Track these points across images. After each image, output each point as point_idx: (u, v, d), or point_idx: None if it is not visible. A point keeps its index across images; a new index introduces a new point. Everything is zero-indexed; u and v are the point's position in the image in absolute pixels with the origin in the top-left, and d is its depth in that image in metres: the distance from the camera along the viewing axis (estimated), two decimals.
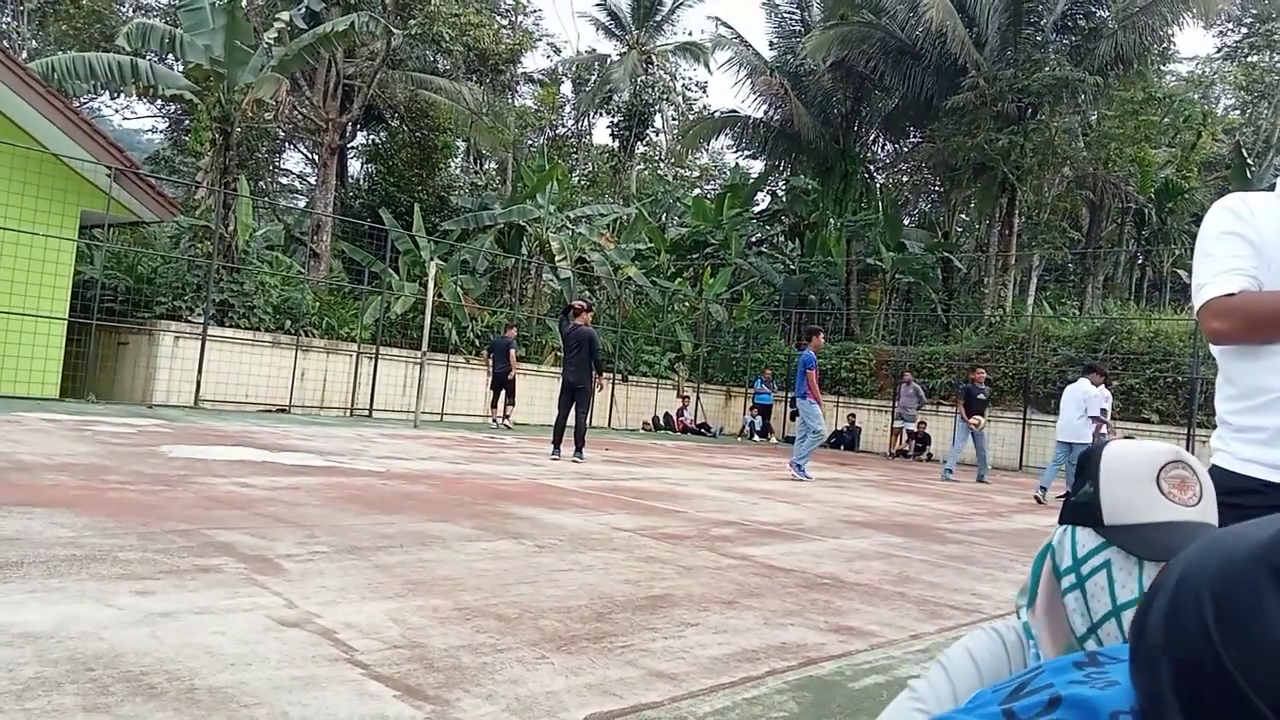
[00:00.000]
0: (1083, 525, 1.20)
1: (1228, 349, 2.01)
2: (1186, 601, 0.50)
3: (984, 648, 1.27)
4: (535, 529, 5.51)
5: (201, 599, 3.24)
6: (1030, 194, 24.85)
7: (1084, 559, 1.18)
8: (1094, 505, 1.18)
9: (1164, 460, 1.16)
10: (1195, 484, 1.15)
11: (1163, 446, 1.19)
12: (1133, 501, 1.15)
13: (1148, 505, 1.14)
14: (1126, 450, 1.20)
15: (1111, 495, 1.17)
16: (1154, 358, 18.15)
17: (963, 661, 1.26)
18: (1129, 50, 22.05)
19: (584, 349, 11.02)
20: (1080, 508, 1.20)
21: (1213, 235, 2.02)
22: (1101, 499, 1.17)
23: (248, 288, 15.15)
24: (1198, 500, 1.14)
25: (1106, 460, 1.20)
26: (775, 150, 28.48)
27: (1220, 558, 0.51)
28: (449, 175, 27.21)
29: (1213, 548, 0.52)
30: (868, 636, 3.66)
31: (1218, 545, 0.52)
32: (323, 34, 15.35)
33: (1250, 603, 0.48)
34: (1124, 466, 1.18)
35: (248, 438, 9.79)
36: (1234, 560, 0.50)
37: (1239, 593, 0.49)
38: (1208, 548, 0.53)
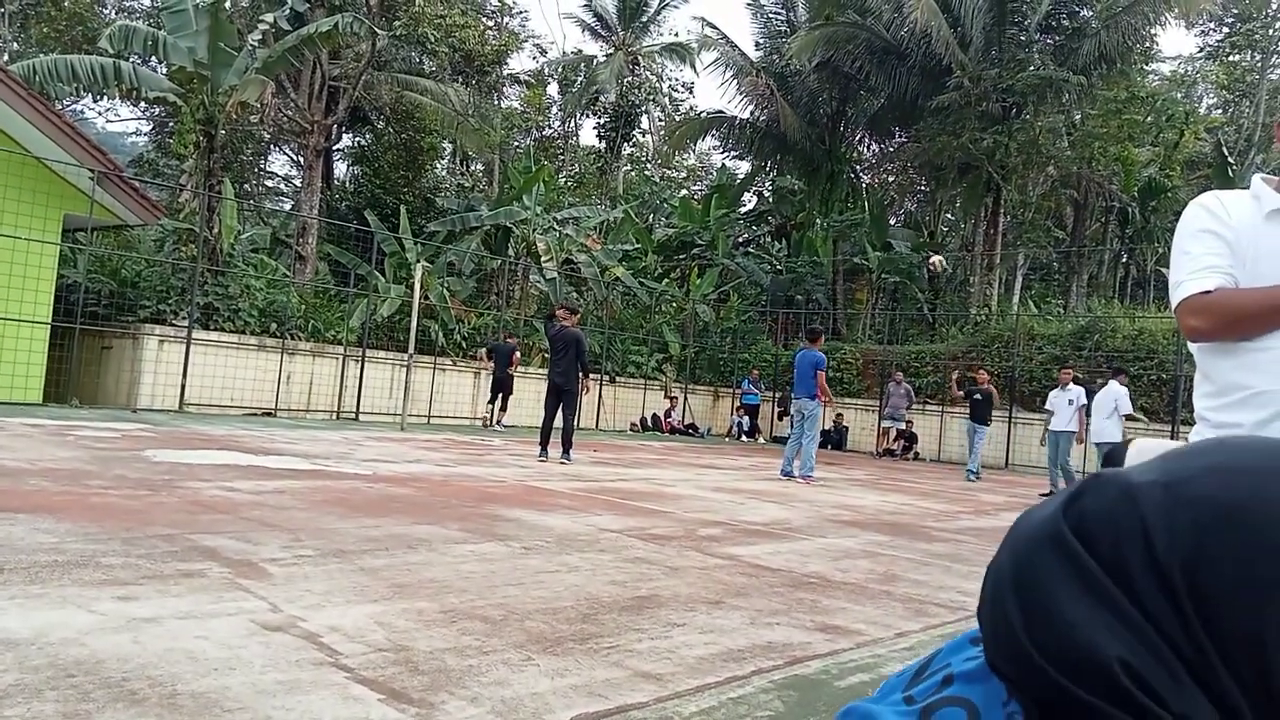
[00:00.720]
0: None
1: (1205, 346, 2.02)
2: (994, 597, 0.52)
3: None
4: (522, 531, 5.50)
5: (185, 604, 3.22)
6: (1015, 193, 24.95)
7: None
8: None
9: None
10: None
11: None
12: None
13: None
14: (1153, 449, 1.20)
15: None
16: (1138, 356, 18.26)
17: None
18: (1112, 50, 22.20)
19: (571, 351, 11.00)
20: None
21: (1189, 233, 2.04)
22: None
23: (233, 291, 15.08)
24: None
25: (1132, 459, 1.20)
26: (762, 151, 28.52)
27: (1011, 545, 0.52)
28: (435, 177, 27.13)
29: (1008, 537, 0.54)
30: (854, 635, 3.67)
31: (1012, 534, 0.54)
32: (307, 35, 15.30)
33: (1037, 582, 0.49)
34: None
35: (233, 442, 9.74)
36: (1021, 543, 0.52)
37: (1028, 575, 0.50)
38: (1006, 539, 0.54)
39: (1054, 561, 0.49)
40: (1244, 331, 1.92)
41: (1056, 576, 0.49)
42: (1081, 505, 0.51)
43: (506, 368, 16.78)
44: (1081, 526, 0.50)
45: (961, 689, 0.53)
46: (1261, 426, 1.89)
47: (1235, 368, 1.95)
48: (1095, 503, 0.50)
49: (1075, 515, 0.50)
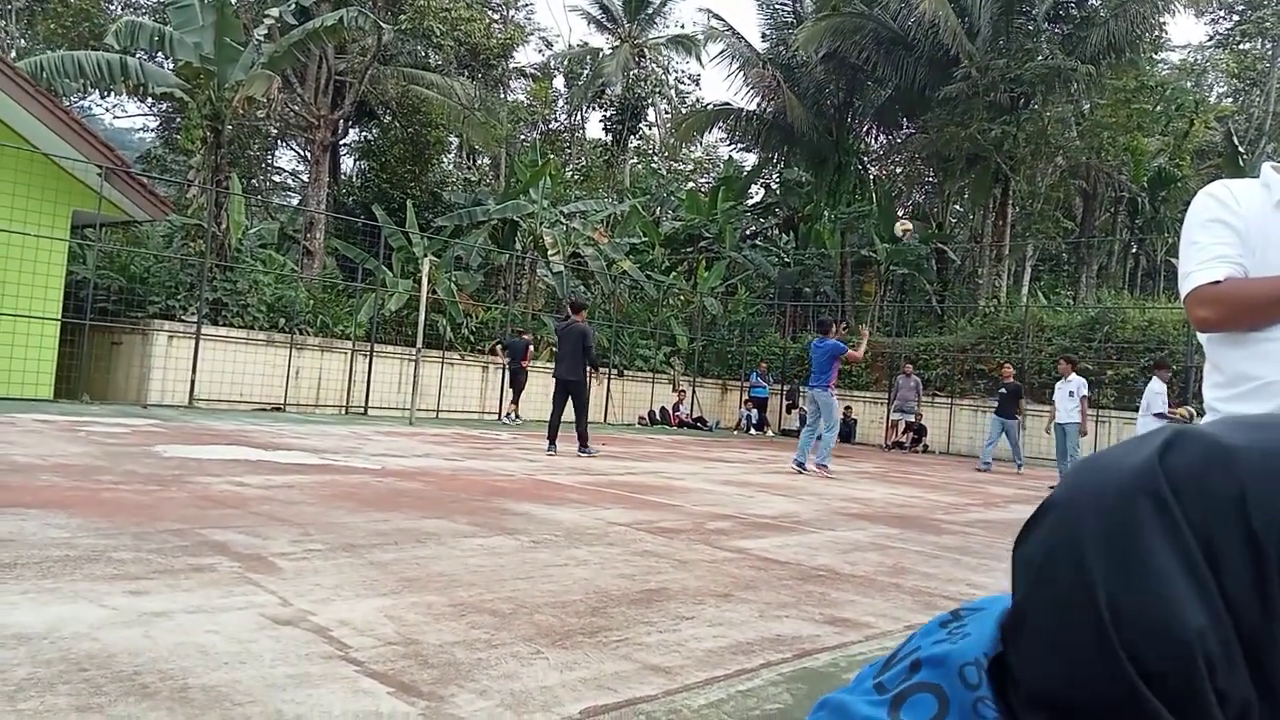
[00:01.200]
0: None
1: (1215, 336, 2.01)
2: (1063, 539, 0.48)
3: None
4: (531, 524, 5.51)
5: (195, 598, 3.23)
6: (1024, 184, 24.86)
7: None
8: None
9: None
10: None
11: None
12: None
13: None
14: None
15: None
16: (1148, 346, 18.18)
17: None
18: (1121, 38, 22.05)
19: (574, 345, 11.05)
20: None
21: (1198, 223, 2.03)
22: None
23: (241, 286, 15.12)
24: None
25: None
26: (769, 143, 28.44)
27: (1094, 489, 0.49)
28: (442, 171, 27.15)
29: (1085, 478, 0.50)
30: (862, 628, 3.67)
31: (1089, 475, 0.50)
32: (312, 30, 15.30)
33: (1129, 536, 0.46)
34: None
35: (242, 437, 9.78)
36: (1110, 489, 0.48)
37: (1117, 527, 0.46)
38: (1080, 479, 0.50)
39: (1150, 514, 0.46)
40: (1253, 321, 1.91)
41: (1151, 531, 0.45)
42: (1174, 460, 0.47)
43: (520, 362, 17.19)
44: (1180, 484, 0.46)
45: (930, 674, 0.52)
46: None
47: (1245, 358, 1.94)
48: (1187, 462, 0.47)
49: (1176, 472, 0.46)
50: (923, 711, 0.50)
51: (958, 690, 0.50)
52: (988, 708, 0.49)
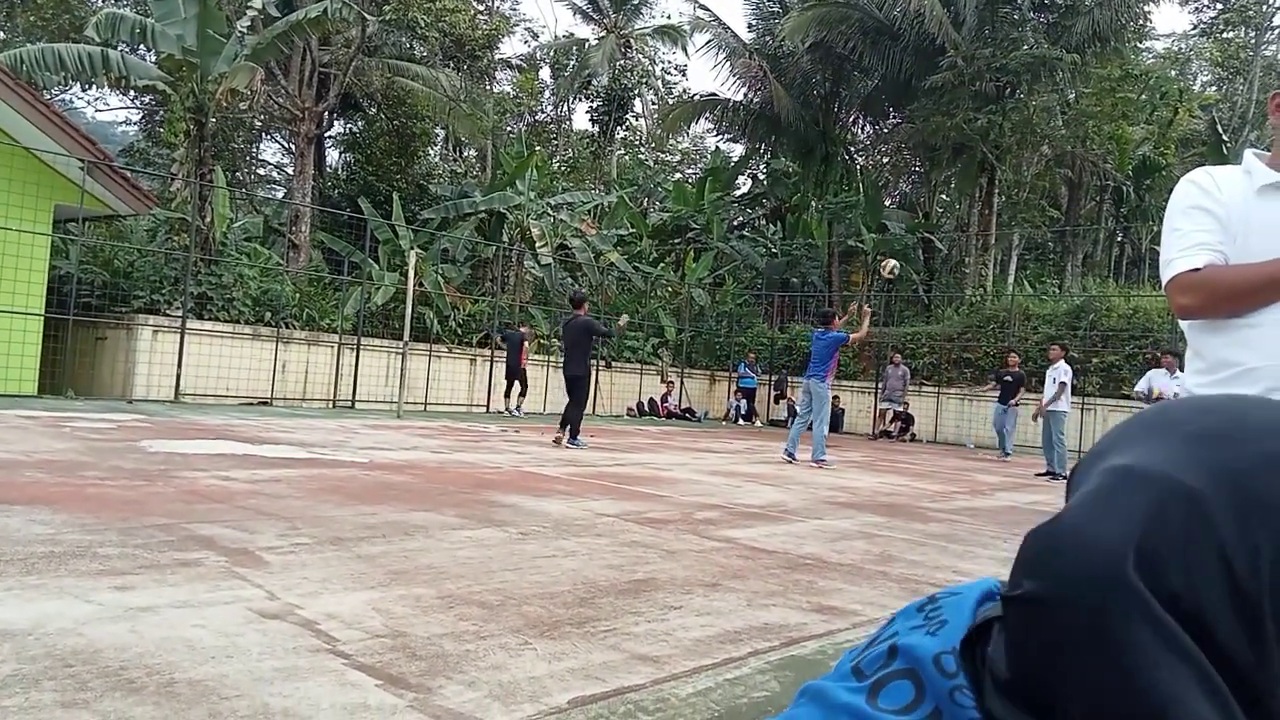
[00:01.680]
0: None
1: (1196, 323, 2.03)
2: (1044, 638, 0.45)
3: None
4: (519, 516, 5.51)
5: (182, 593, 3.22)
6: (1009, 173, 24.95)
7: None
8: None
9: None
10: None
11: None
12: None
13: None
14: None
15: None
16: (1133, 334, 18.30)
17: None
18: (1106, 28, 22.11)
19: (578, 339, 11.21)
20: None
21: (1180, 210, 2.04)
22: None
23: (226, 280, 15.04)
24: None
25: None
26: (755, 133, 28.42)
27: (1060, 582, 0.46)
28: (428, 163, 27.02)
29: (1052, 561, 0.46)
30: (849, 616, 3.69)
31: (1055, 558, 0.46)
32: (296, 21, 15.19)
33: (1112, 644, 0.43)
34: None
35: (229, 431, 9.74)
36: (1084, 588, 0.44)
37: (1097, 632, 0.43)
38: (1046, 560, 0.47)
39: (1123, 612, 0.42)
40: (1233, 308, 1.92)
41: (1129, 631, 0.42)
42: (1158, 540, 0.43)
43: (518, 355, 17.23)
44: (1143, 552, 0.43)
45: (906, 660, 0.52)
46: None
47: (1226, 344, 1.95)
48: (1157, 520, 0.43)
49: (1147, 558, 0.43)
50: (899, 698, 0.51)
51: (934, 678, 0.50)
52: (964, 695, 0.49)
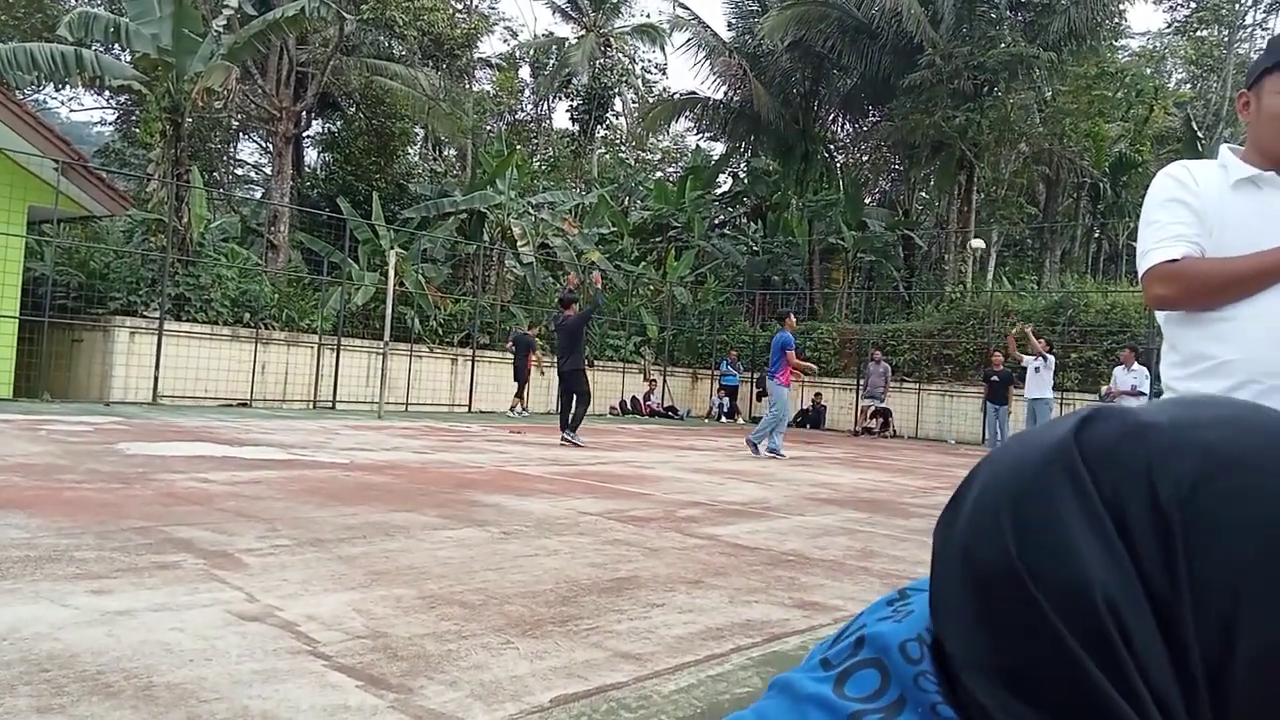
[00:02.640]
0: None
1: (1172, 316, 2.04)
2: (985, 509, 0.50)
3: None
4: (501, 516, 5.49)
5: (160, 596, 3.19)
6: (988, 170, 25.10)
7: None
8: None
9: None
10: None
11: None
12: None
13: None
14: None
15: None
16: (1111, 329, 18.46)
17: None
18: (1081, 26, 22.29)
19: (570, 338, 11.57)
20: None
21: (1157, 202, 2.05)
22: None
23: (204, 281, 14.91)
24: None
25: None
26: (736, 131, 28.47)
27: (1014, 462, 0.51)
28: (407, 163, 26.89)
29: (1008, 452, 0.52)
30: (831, 611, 3.70)
31: (1013, 449, 0.52)
32: (273, 20, 15.07)
33: (1042, 504, 0.48)
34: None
35: (208, 433, 9.66)
36: (1027, 462, 0.50)
37: (1032, 494, 0.48)
38: (1004, 453, 0.52)
39: (1063, 486, 0.48)
40: (1208, 301, 1.94)
41: (1063, 500, 0.47)
42: (1087, 435, 0.49)
43: (526, 358, 17.69)
44: (1092, 452, 0.48)
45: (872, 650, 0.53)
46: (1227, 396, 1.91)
47: (1201, 338, 1.97)
48: (1100, 436, 0.49)
49: (1089, 441, 0.49)
50: (866, 686, 0.51)
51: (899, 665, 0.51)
52: (928, 681, 0.50)
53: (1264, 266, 1.88)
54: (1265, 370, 1.87)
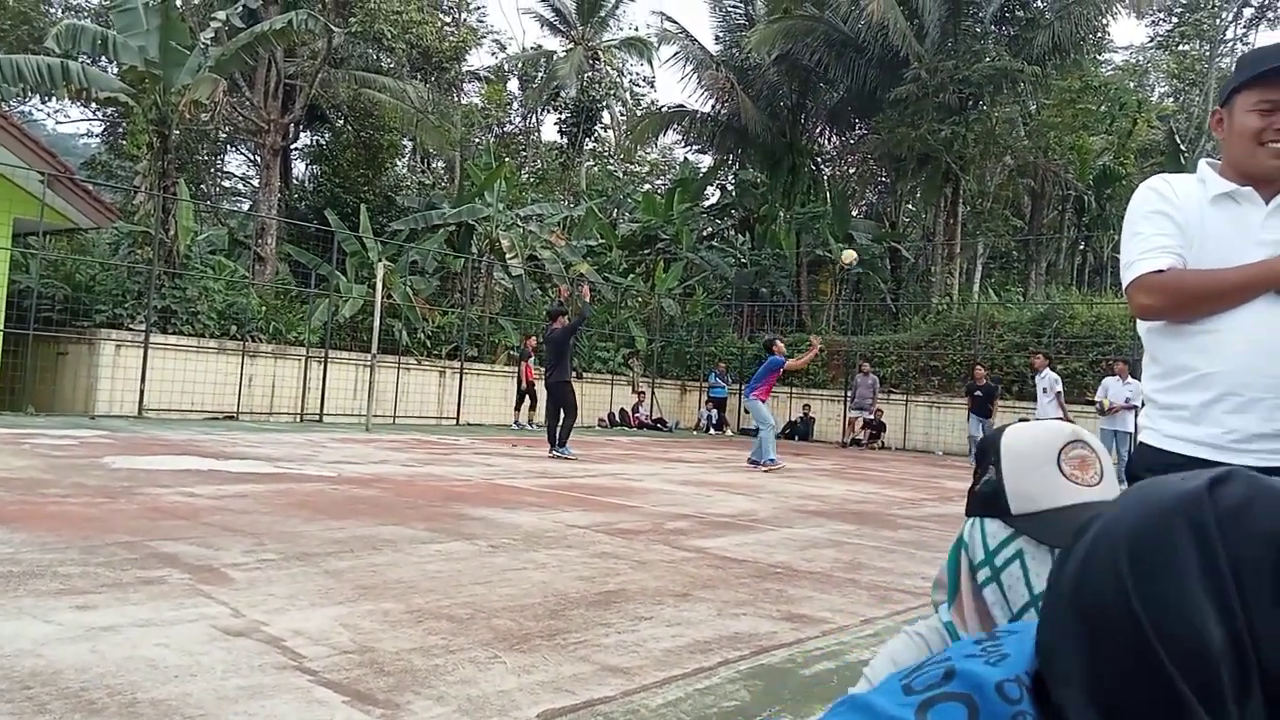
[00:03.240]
0: (990, 516, 1.17)
1: (1154, 329, 2.06)
2: (1101, 550, 0.50)
3: (910, 657, 1.26)
4: (489, 529, 5.48)
5: (144, 611, 3.17)
6: (973, 183, 25.26)
7: (996, 550, 1.16)
8: (999, 494, 1.16)
9: (1063, 441, 1.15)
10: (1095, 462, 1.14)
11: (1059, 426, 1.17)
12: (1036, 488, 1.13)
13: (1052, 490, 1.12)
14: (1024, 435, 1.18)
15: (1015, 483, 1.15)
16: (1096, 341, 18.57)
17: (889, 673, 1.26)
18: (1065, 40, 22.51)
19: (556, 349, 11.73)
20: (986, 498, 1.18)
21: (1140, 215, 2.08)
22: (1006, 488, 1.15)
23: (191, 293, 14.85)
24: (1099, 479, 1.13)
25: (1005, 447, 1.18)
26: (723, 144, 28.60)
27: (1139, 508, 0.50)
28: (395, 175, 26.89)
29: (1133, 498, 0.52)
30: (819, 623, 3.71)
31: (1138, 495, 0.51)
32: (261, 33, 15.07)
33: (1164, 553, 0.48)
34: (1024, 452, 1.16)
35: (194, 446, 9.61)
36: (1152, 510, 0.50)
37: (1155, 542, 0.48)
38: (1128, 498, 0.52)
39: (1188, 539, 0.47)
40: (1193, 312, 1.96)
41: (1186, 553, 0.47)
42: (1220, 494, 0.49)
43: (524, 369, 17.94)
44: (1222, 513, 0.48)
45: (962, 684, 0.52)
46: (1207, 408, 1.93)
47: (1182, 350, 1.99)
48: (1232, 496, 0.49)
49: (1220, 500, 0.49)
50: (950, 718, 0.51)
51: (993, 704, 0.51)
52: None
53: (1246, 280, 1.90)
54: (1244, 383, 1.89)
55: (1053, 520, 1.11)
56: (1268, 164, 1.93)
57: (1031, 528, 1.12)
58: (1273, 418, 1.88)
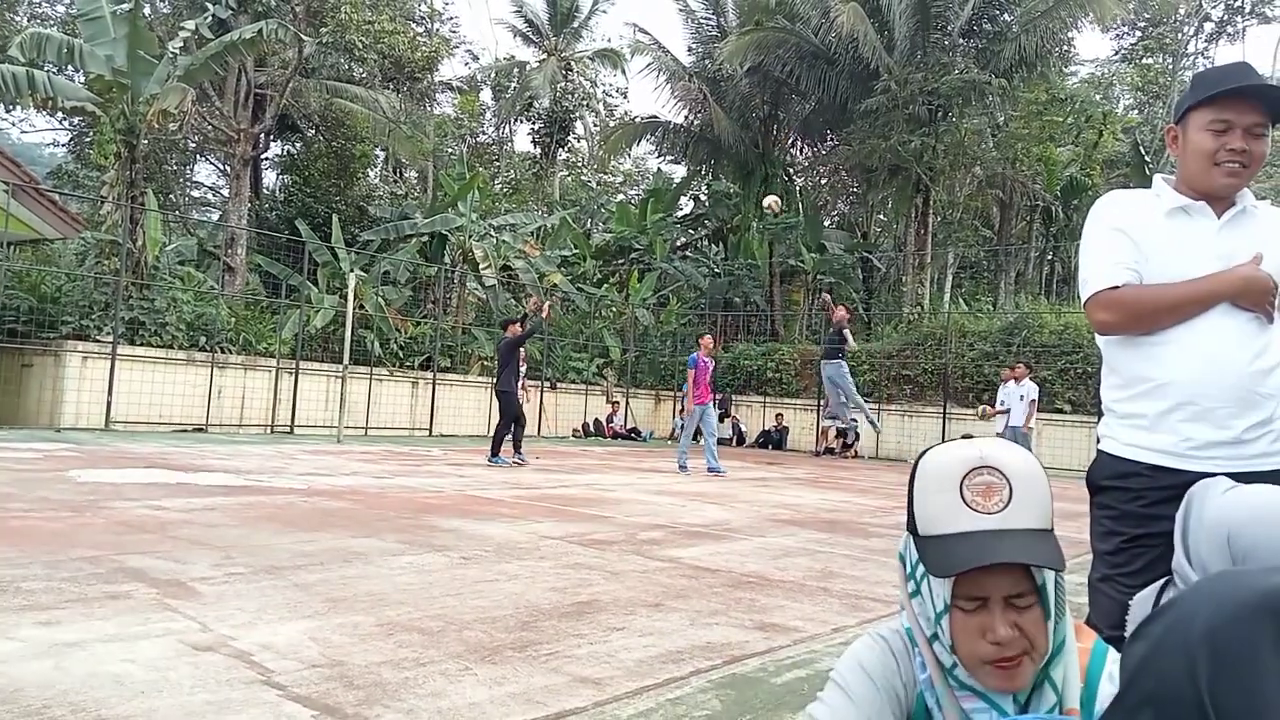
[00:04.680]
0: (910, 533, 1.23)
1: (1112, 340, 2.11)
2: (1175, 645, 0.49)
3: (874, 659, 1.30)
4: (461, 541, 5.46)
5: (110, 627, 3.13)
6: (943, 194, 25.52)
7: (915, 565, 1.21)
8: (911, 516, 1.21)
9: (968, 467, 1.16)
10: (1003, 488, 1.14)
11: (970, 451, 1.18)
12: (939, 513, 1.16)
13: (951, 516, 1.15)
14: (935, 458, 1.21)
15: (921, 505, 1.19)
16: (1064, 350, 18.80)
17: (856, 677, 1.28)
18: (1032, 53, 22.84)
19: (503, 357, 11.91)
20: (909, 516, 1.23)
21: (1096, 231, 2.13)
22: (915, 510, 1.20)
23: (159, 304, 14.68)
24: (1003, 505, 1.14)
25: (920, 469, 1.22)
26: (696, 155, 28.73)
27: (1217, 602, 0.49)
28: (368, 185, 26.76)
29: (1210, 590, 0.50)
30: (791, 632, 3.72)
31: (1215, 587, 0.50)
32: (230, 42, 14.98)
33: (1246, 650, 0.46)
34: (933, 475, 1.19)
35: (162, 459, 9.49)
36: (1233, 605, 0.48)
37: (1235, 639, 0.47)
38: (1204, 590, 0.51)
39: (1270, 633, 0.46)
40: (1149, 325, 2.01)
41: (1265, 647, 0.46)
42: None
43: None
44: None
45: None
46: (1163, 417, 1.98)
47: (1140, 360, 2.03)
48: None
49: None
50: None
51: None
52: None
53: (1199, 293, 1.95)
54: (1199, 393, 1.93)
55: (946, 547, 1.13)
56: (1220, 182, 1.98)
57: (928, 552, 1.16)
58: (1227, 425, 1.93)
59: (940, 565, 1.13)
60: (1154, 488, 1.95)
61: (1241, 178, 1.98)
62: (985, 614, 1.13)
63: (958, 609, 1.15)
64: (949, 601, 1.15)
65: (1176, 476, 1.92)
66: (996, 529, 1.12)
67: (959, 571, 1.12)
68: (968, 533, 1.13)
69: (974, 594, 1.13)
